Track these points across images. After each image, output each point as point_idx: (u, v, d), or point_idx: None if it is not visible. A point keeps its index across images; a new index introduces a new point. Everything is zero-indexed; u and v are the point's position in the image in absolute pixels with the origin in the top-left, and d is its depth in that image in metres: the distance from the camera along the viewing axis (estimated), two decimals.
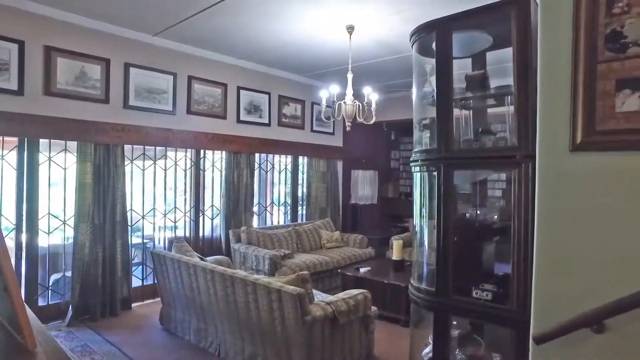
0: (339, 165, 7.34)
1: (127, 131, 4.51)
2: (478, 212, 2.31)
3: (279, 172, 6.59)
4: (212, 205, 5.65)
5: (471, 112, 2.42)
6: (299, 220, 6.71)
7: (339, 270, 4.96)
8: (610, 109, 1.42)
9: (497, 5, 2.00)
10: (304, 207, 6.83)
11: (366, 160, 7.67)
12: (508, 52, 1.98)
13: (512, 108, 2.00)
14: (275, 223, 6.45)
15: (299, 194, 6.81)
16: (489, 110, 2.44)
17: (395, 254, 4.66)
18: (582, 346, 1.47)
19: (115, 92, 4.46)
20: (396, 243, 4.66)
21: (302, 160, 6.81)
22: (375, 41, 4.68)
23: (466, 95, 2.20)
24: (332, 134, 7.11)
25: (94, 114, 4.26)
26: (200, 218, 5.47)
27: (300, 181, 6.83)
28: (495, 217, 2.27)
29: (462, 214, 2.31)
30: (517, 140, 1.91)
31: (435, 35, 2.17)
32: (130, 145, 4.66)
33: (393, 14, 4.00)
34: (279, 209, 6.61)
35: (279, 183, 6.63)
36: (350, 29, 4.29)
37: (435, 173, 2.10)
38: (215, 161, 5.63)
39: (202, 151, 5.43)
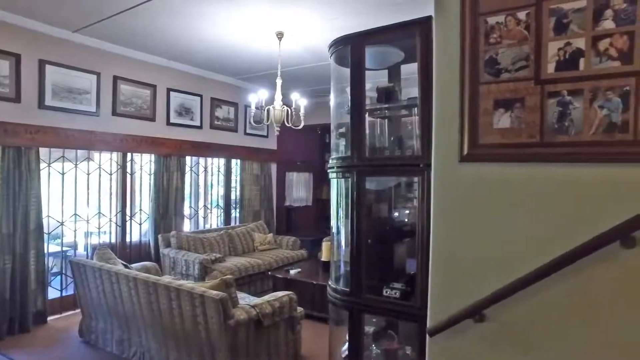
0: (273, 167, 7.39)
1: (43, 133, 4.24)
2: (391, 215, 2.48)
3: (212, 175, 6.50)
4: (141, 210, 5.46)
5: (386, 121, 2.58)
6: (232, 223, 6.66)
7: (269, 273, 5.00)
8: (489, 125, 1.62)
9: (404, 25, 2.16)
10: (238, 210, 6.80)
11: (301, 163, 7.78)
12: None
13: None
14: (208, 227, 6.35)
15: (233, 197, 6.76)
16: (409, 119, 2.62)
17: (324, 255, 4.79)
18: (466, 335, 1.66)
19: (28, 90, 4.17)
20: (325, 244, 4.80)
21: (236, 163, 6.77)
22: (305, 48, 4.79)
23: (377, 106, 2.35)
24: (266, 136, 7.13)
25: (2, 113, 3.96)
26: (128, 223, 5.26)
27: (233, 184, 6.78)
28: (406, 219, 2.45)
29: (376, 218, 2.46)
30: (421, 149, 2.08)
31: (350, 49, 2.30)
32: (47, 148, 4.38)
33: (322, 23, 4.13)
34: (211, 212, 6.52)
35: (212, 186, 6.54)
36: (280, 35, 4.37)
37: (349, 179, 2.23)
38: (143, 164, 5.44)
39: (129, 154, 5.23)
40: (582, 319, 1.47)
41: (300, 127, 4.48)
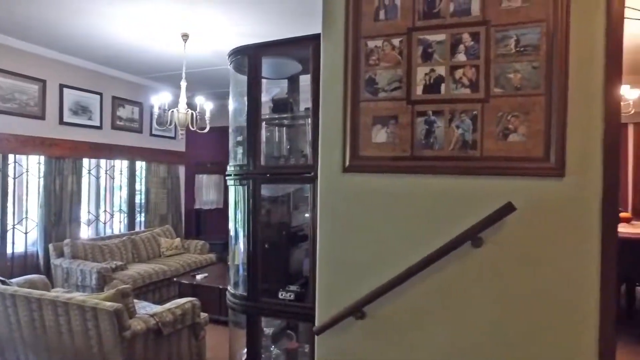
0: (182, 170, 7.15)
1: None
2: (288, 220, 2.58)
3: (112, 179, 6.10)
4: (26, 217, 4.95)
5: (285, 130, 2.68)
6: (137, 229, 6.32)
7: (174, 279, 4.86)
8: (368, 139, 1.78)
9: (298, 39, 2.27)
10: (143, 215, 6.47)
11: (211, 165, 7.62)
12: None
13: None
14: (110, 233, 5.96)
15: (137, 201, 6.42)
16: (306, 129, 2.74)
17: None
18: (349, 332, 1.81)
19: None
20: None
21: (141, 166, 6.44)
22: (212, 50, 4.74)
23: (273, 116, 2.44)
24: (174, 138, 6.89)
25: None
26: (9, 233, 4.75)
27: (138, 187, 6.44)
28: (303, 224, 2.57)
29: (274, 223, 2.55)
30: (312, 158, 2.20)
31: (247, 59, 2.35)
32: None
33: (228, 27, 4.13)
34: (113, 218, 6.12)
35: (115, 190, 6.15)
36: (185, 37, 4.27)
37: (246, 187, 2.29)
38: (31, 167, 4.95)
39: (11, 156, 4.72)
40: (443, 309, 1.69)
41: (205, 130, 4.42)
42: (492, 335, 1.64)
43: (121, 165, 6.16)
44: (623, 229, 3.20)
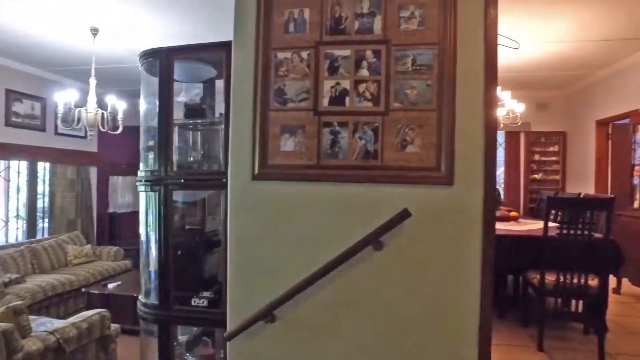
0: (93, 171, 6.68)
1: None
2: (203, 225, 2.55)
3: (8, 181, 5.51)
4: None
5: (199, 134, 2.64)
6: (40, 236, 5.79)
7: (82, 290, 4.54)
8: (277, 148, 1.83)
9: (212, 45, 2.25)
10: (46, 221, 5.94)
11: (127, 166, 7.21)
12: None
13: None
14: (4, 242, 5.38)
15: (40, 206, 5.88)
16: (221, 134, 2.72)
17: None
18: (260, 336, 1.84)
19: None
20: None
21: (44, 167, 5.90)
22: (124, 47, 4.50)
23: (185, 122, 2.40)
24: (84, 137, 6.40)
25: None
26: None
27: (40, 191, 5.89)
28: (217, 229, 2.55)
29: (188, 228, 2.50)
30: (224, 164, 2.20)
31: (159, 62, 2.29)
32: None
33: (142, 24, 3.95)
34: (7, 225, 5.53)
35: (9, 193, 5.55)
36: (95, 31, 4.01)
37: (157, 193, 2.22)
38: None
39: None
40: (348, 309, 1.80)
41: (118, 132, 4.18)
42: (392, 329, 1.78)
43: (18, 166, 5.59)
44: (511, 226, 3.60)
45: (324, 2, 1.83)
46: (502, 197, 6.57)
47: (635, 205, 4.28)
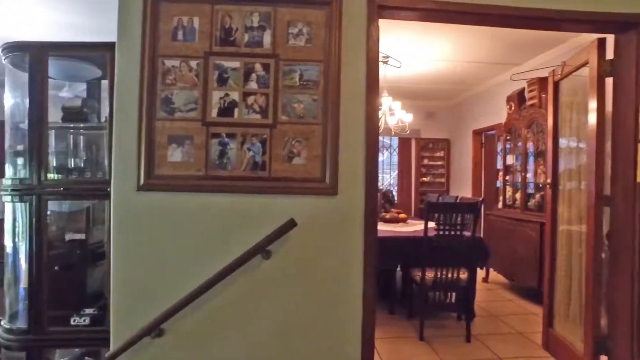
0: None
1: None
2: (86, 236, 2.37)
3: None
4: None
5: (82, 139, 2.45)
6: None
7: None
8: (164, 158, 1.79)
9: (94, 45, 2.11)
10: None
11: None
12: None
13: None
14: None
15: None
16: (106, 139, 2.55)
17: None
18: (148, 351, 1.78)
19: None
20: None
21: None
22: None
23: (63, 125, 2.21)
24: None
25: None
26: None
27: None
28: (103, 240, 2.39)
29: (69, 240, 2.31)
30: (109, 173, 2.08)
31: (28, 57, 2.08)
32: None
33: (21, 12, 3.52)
34: None
35: None
36: None
37: (28, 204, 2.02)
38: None
39: None
40: (239, 317, 1.82)
41: None
42: (281, 334, 1.85)
43: None
44: (400, 228, 3.93)
45: (214, 13, 1.83)
46: (395, 198, 7.09)
47: (499, 205, 4.94)
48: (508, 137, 4.88)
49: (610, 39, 2.29)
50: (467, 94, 6.65)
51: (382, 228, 3.93)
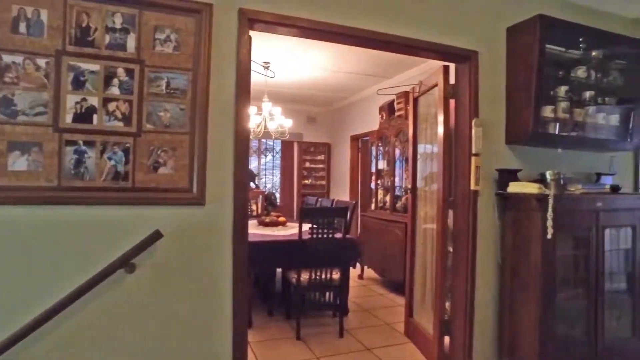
0: None
1: None
2: None
3: None
4: None
5: None
6: None
7: None
8: (4, 167, 1.58)
9: None
10: None
11: None
12: None
13: None
14: None
15: None
16: None
17: None
18: None
19: None
20: None
21: None
22: None
23: None
24: None
25: None
26: None
27: None
28: None
29: None
30: None
31: None
32: None
33: None
34: None
35: None
36: None
37: None
38: None
39: None
40: (104, 334, 1.70)
41: None
42: (151, 347, 1.78)
43: None
44: (278, 231, 4.03)
45: (68, 7, 1.68)
46: (278, 200, 7.22)
47: (372, 207, 5.38)
48: (380, 144, 5.33)
49: (453, 67, 2.68)
50: (346, 101, 7.08)
51: (261, 232, 3.99)
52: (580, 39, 2.62)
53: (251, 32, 2.03)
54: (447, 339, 2.71)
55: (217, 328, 1.90)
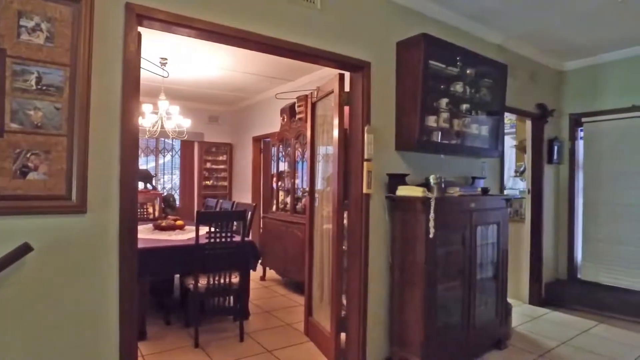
0: None
1: None
2: None
3: None
4: None
5: None
6: None
7: None
8: None
9: None
10: None
11: None
12: None
13: None
14: None
15: None
16: None
17: None
18: None
19: None
20: None
21: None
22: None
23: None
24: None
25: None
26: None
27: None
28: None
29: None
30: None
31: None
32: None
33: None
34: None
35: None
36: None
37: None
38: None
39: None
40: None
41: None
42: None
43: None
44: (175, 236, 3.83)
45: None
46: (177, 202, 6.87)
47: (274, 209, 5.40)
48: (281, 146, 5.37)
49: (348, 75, 2.81)
50: (248, 102, 6.99)
51: (156, 237, 3.77)
52: (458, 58, 2.93)
53: (146, 29, 1.91)
54: (343, 335, 2.84)
55: (102, 348, 1.75)
